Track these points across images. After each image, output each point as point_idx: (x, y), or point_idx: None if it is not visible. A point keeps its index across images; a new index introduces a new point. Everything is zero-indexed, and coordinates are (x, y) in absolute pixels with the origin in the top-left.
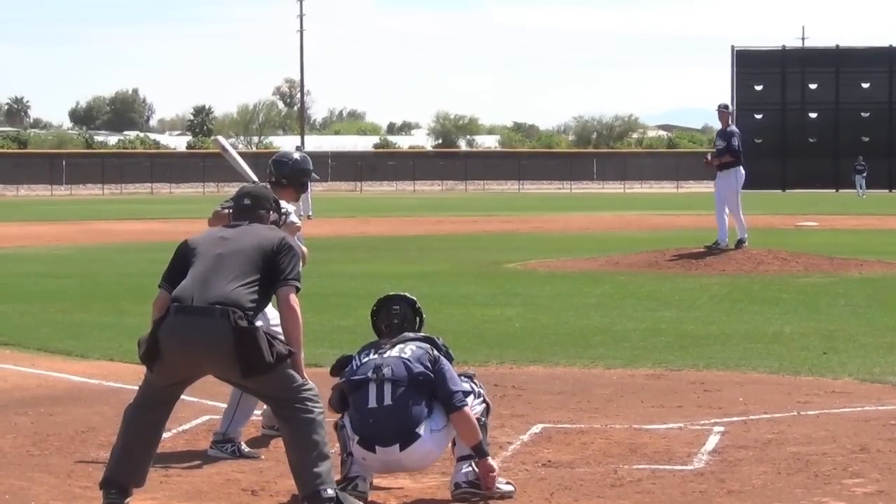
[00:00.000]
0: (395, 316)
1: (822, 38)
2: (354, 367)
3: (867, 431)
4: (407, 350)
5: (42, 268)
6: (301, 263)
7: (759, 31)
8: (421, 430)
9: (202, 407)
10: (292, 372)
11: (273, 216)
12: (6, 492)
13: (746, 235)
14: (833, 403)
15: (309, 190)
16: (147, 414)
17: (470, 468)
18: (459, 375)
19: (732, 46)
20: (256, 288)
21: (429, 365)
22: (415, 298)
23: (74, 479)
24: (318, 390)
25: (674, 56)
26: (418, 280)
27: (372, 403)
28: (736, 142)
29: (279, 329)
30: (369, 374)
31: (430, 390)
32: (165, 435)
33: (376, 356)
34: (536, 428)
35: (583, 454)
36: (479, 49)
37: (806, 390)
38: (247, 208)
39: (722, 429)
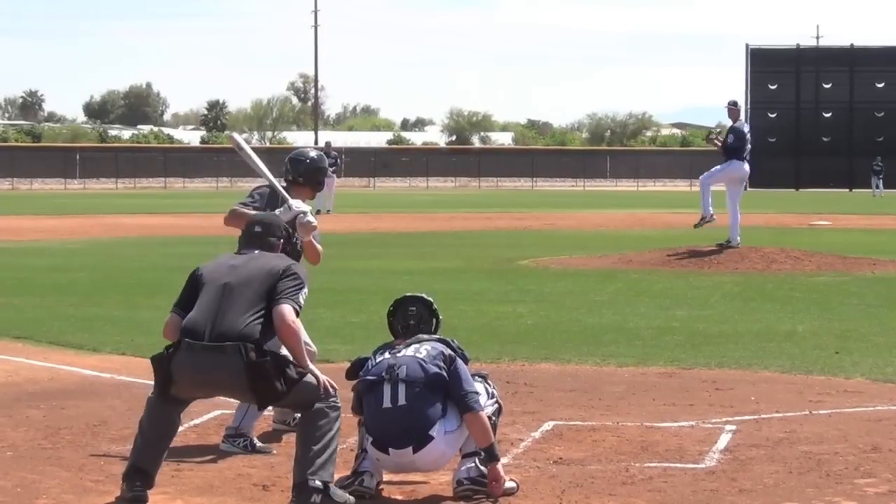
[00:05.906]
0: (411, 317)
1: (836, 37)
2: (369, 367)
3: (879, 431)
4: (422, 350)
5: (55, 261)
6: (306, 290)
7: (774, 29)
8: (434, 431)
9: (214, 401)
10: (308, 382)
11: (283, 244)
12: (18, 485)
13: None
14: (845, 403)
15: (332, 186)
16: (167, 403)
17: (473, 464)
18: (473, 376)
19: (747, 45)
20: (263, 315)
21: (444, 365)
22: (431, 300)
23: (86, 473)
24: (338, 393)
25: (688, 54)
26: (431, 276)
27: (386, 404)
28: (731, 138)
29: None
30: (383, 373)
31: (445, 391)
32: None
33: (390, 356)
34: (548, 425)
35: (594, 452)
36: (494, 46)
37: (818, 389)
38: (257, 236)
39: (734, 427)
